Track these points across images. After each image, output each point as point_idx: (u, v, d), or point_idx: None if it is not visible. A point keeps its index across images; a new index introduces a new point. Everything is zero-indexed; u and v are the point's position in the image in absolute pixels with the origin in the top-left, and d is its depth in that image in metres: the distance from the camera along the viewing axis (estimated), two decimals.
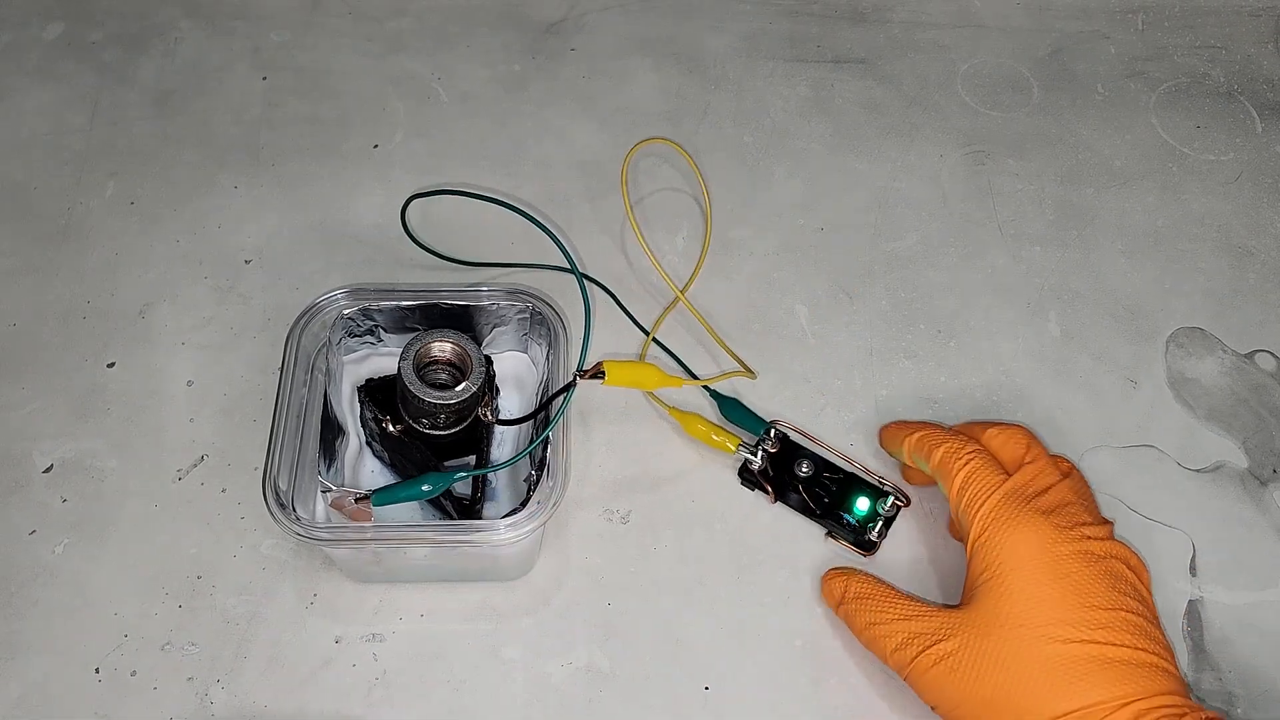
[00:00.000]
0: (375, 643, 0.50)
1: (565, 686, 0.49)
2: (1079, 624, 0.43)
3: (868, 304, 0.61)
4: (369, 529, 0.46)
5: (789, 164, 0.67)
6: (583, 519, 0.53)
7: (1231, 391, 0.59)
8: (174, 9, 0.73)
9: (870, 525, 0.52)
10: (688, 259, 0.63)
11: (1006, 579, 0.44)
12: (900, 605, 0.47)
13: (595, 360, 0.50)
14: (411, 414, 0.48)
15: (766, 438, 0.54)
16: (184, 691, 0.48)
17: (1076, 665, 0.42)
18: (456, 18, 0.74)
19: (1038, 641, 0.43)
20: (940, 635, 0.45)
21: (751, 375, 0.57)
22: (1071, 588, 0.44)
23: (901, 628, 0.46)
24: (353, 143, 0.67)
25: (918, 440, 0.51)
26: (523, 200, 0.64)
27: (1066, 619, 0.43)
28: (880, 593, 0.48)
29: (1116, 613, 0.43)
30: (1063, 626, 0.43)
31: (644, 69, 0.71)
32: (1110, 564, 0.45)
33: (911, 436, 0.51)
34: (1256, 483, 0.56)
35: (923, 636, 0.45)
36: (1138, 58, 0.74)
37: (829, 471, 0.54)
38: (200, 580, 0.51)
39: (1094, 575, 0.44)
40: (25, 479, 0.54)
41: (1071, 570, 0.44)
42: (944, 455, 0.49)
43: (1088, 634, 0.43)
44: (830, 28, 0.74)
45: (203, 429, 0.55)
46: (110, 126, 0.67)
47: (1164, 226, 0.65)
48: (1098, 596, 0.44)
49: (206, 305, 0.60)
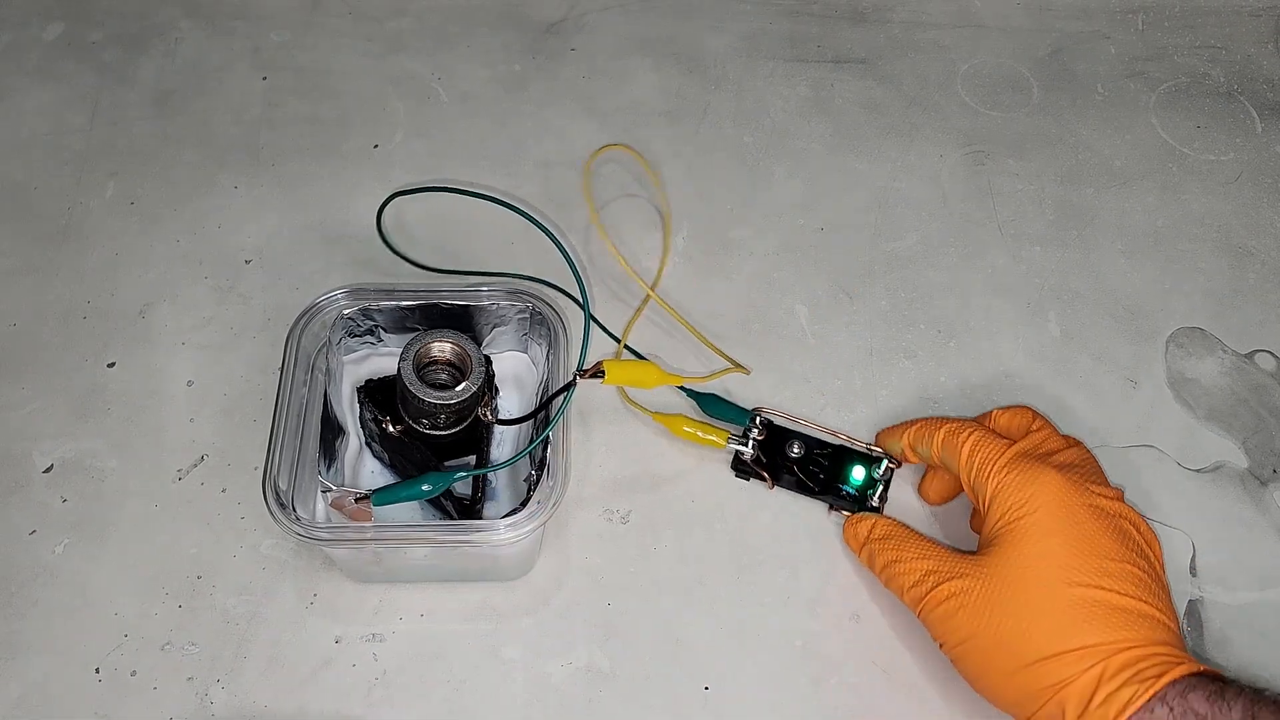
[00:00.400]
0: (375, 643, 0.50)
1: (565, 686, 0.49)
2: (1086, 570, 0.44)
3: (868, 304, 0.61)
4: (369, 529, 0.46)
5: (789, 164, 0.67)
6: (583, 519, 0.53)
7: (1231, 391, 0.59)
8: (174, 9, 0.73)
9: (870, 492, 0.53)
10: (687, 259, 0.63)
11: (1021, 524, 0.46)
12: (920, 545, 0.49)
13: (595, 359, 0.50)
14: (411, 414, 0.48)
15: (753, 426, 0.55)
16: (184, 691, 0.48)
17: (1081, 608, 0.43)
18: (456, 18, 0.74)
19: (1046, 584, 0.44)
20: (954, 573, 0.46)
21: (745, 371, 0.57)
22: (1081, 536, 0.45)
23: (919, 565, 0.48)
24: (353, 143, 0.67)
25: (917, 430, 0.52)
26: (523, 200, 0.64)
27: (1074, 564, 0.44)
28: (902, 533, 0.50)
29: (1123, 565, 0.45)
30: (1070, 570, 0.44)
31: (644, 69, 0.71)
32: (1120, 523, 0.46)
33: (910, 430, 0.52)
34: (1256, 483, 0.56)
35: (938, 573, 0.47)
36: (1138, 58, 0.74)
37: (819, 448, 0.55)
38: (200, 580, 0.51)
39: (1104, 529, 0.46)
40: (25, 479, 0.54)
41: (1082, 520, 0.46)
42: (946, 435, 0.50)
43: (1094, 580, 0.44)
44: (830, 28, 0.74)
45: (203, 429, 0.55)
46: (110, 126, 0.67)
47: (1164, 226, 0.65)
48: (1106, 548, 0.45)
49: (206, 305, 0.60)
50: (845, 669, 0.50)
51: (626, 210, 0.64)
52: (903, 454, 0.53)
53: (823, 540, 0.53)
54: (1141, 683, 0.41)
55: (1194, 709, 0.40)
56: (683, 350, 0.59)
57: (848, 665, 0.50)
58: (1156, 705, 0.41)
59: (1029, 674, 0.43)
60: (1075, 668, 0.42)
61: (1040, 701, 0.43)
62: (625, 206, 0.65)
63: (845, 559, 0.53)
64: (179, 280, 0.61)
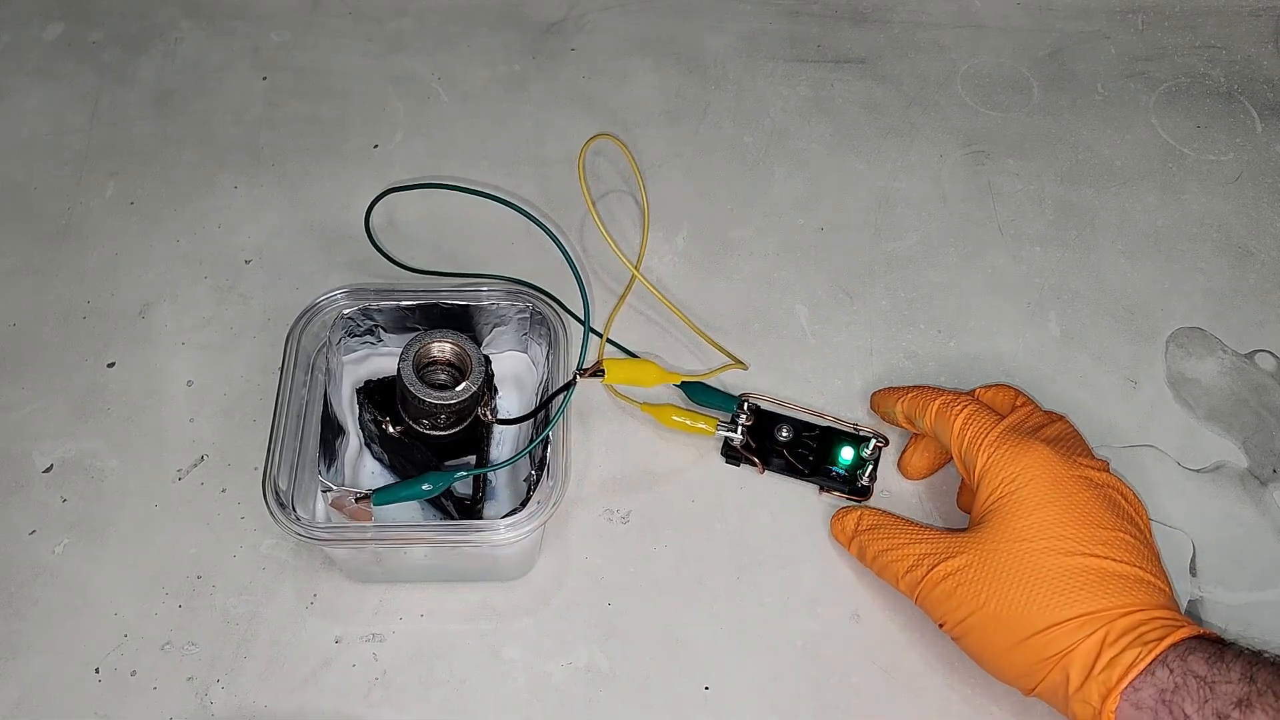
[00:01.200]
0: (375, 643, 0.50)
1: (565, 686, 0.49)
2: (1082, 539, 0.45)
3: (868, 304, 0.61)
4: (369, 529, 0.46)
5: (789, 164, 0.67)
6: (583, 519, 0.53)
7: (1231, 391, 0.59)
8: (174, 9, 0.73)
9: (860, 471, 0.54)
10: (687, 259, 0.63)
11: (1013, 498, 0.46)
12: (911, 530, 0.49)
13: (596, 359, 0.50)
14: (412, 414, 0.48)
15: (741, 412, 0.55)
16: (184, 691, 0.48)
17: (1078, 576, 0.44)
18: (456, 18, 0.74)
19: (1042, 554, 0.45)
20: (950, 553, 0.47)
21: (743, 366, 0.57)
22: (1074, 506, 0.46)
23: (913, 550, 0.48)
24: (353, 143, 0.67)
25: (911, 399, 0.53)
26: (525, 200, 0.64)
27: (1069, 534, 0.45)
28: (890, 521, 0.50)
29: (1116, 533, 0.45)
30: (1066, 540, 0.45)
31: (644, 69, 0.71)
32: (1108, 493, 0.47)
33: (905, 396, 0.53)
34: (1256, 483, 0.56)
35: (933, 555, 0.47)
36: (1138, 58, 0.74)
37: (807, 431, 0.55)
38: (200, 580, 0.51)
39: (1094, 499, 0.46)
40: (25, 479, 0.54)
41: (1074, 491, 0.46)
42: (940, 406, 0.51)
43: (1089, 548, 0.45)
44: (830, 28, 0.74)
45: (203, 429, 0.55)
46: (110, 126, 0.67)
47: (1164, 226, 0.65)
48: (1099, 517, 0.46)
49: (206, 305, 0.60)
50: (845, 669, 0.50)
51: (619, 206, 0.64)
52: (894, 417, 0.54)
53: (823, 540, 0.53)
54: (1144, 645, 0.42)
55: (1193, 671, 0.41)
56: (679, 348, 0.59)
57: (848, 665, 0.50)
58: (1158, 668, 0.41)
59: (1031, 644, 0.44)
60: (1077, 635, 0.43)
61: (1045, 671, 0.44)
62: (616, 202, 0.65)
63: (844, 559, 0.53)
64: (179, 280, 0.61)
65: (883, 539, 0.49)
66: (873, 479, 0.54)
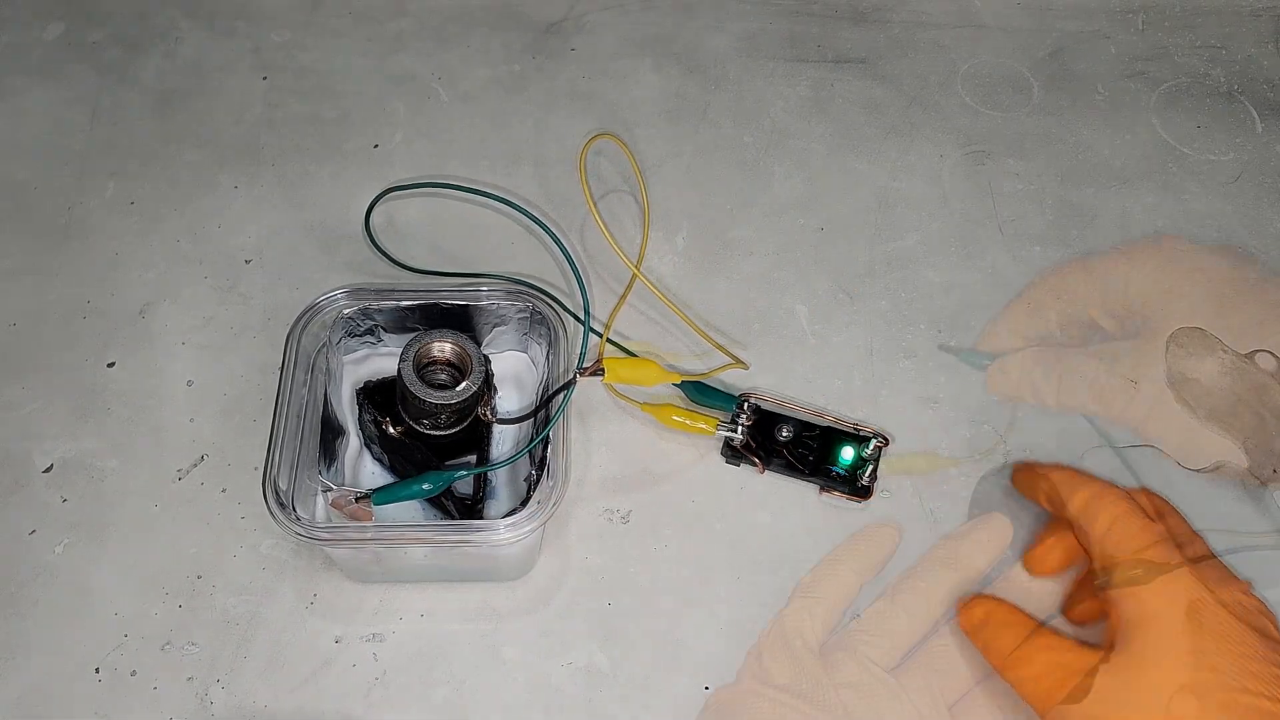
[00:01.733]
0: (375, 643, 0.50)
1: (565, 686, 0.49)
2: (1232, 672, 0.42)
3: (868, 304, 0.61)
4: (369, 529, 0.46)
5: (789, 164, 0.67)
6: (583, 519, 0.53)
7: (1231, 391, 0.59)
8: (174, 9, 0.73)
9: (860, 471, 0.54)
10: (687, 259, 0.63)
11: (1156, 624, 0.43)
12: (1043, 636, 0.46)
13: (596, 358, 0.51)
14: (412, 414, 0.48)
15: (741, 411, 0.55)
16: (184, 691, 0.48)
17: (1227, 715, 0.41)
18: (456, 18, 0.74)
19: (1190, 688, 0.42)
20: (1081, 668, 0.44)
21: (744, 365, 0.57)
22: (1223, 637, 0.43)
23: (1043, 658, 0.45)
24: (353, 143, 0.67)
25: (1056, 483, 0.50)
26: (525, 200, 0.64)
27: (1218, 667, 0.42)
28: (1022, 621, 0.47)
29: (1270, 667, 0.42)
30: (1214, 674, 0.42)
31: (644, 69, 0.71)
32: (1259, 619, 0.44)
33: (1049, 479, 0.50)
34: (1256, 483, 0.56)
35: (1062, 668, 0.44)
36: (1138, 58, 0.74)
37: (808, 430, 0.55)
38: (200, 580, 0.51)
39: (1244, 629, 0.43)
40: (25, 479, 0.54)
41: (1222, 620, 0.43)
42: (1090, 498, 0.48)
43: (1239, 682, 0.41)
44: (830, 28, 0.74)
45: (203, 429, 0.55)
46: (110, 126, 0.67)
47: (1164, 226, 0.65)
48: (1251, 648, 0.42)
49: (206, 305, 0.60)
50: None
51: (620, 206, 0.64)
52: (1035, 499, 0.51)
53: (823, 540, 0.53)
54: None
55: None
56: (679, 348, 0.59)
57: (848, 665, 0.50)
58: None
59: None
60: None
61: None
62: (617, 202, 0.65)
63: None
64: (179, 280, 0.61)
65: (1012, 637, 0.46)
66: (873, 479, 0.54)
